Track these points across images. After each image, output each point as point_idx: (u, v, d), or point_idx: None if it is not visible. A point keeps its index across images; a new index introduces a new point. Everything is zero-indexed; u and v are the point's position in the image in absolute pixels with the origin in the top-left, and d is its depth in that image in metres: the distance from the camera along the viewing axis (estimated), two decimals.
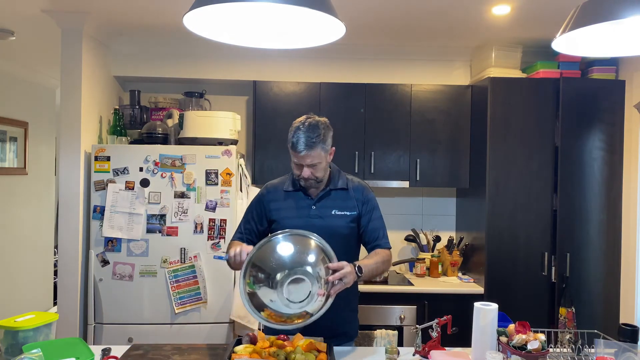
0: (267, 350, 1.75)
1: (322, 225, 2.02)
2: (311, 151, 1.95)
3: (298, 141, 1.96)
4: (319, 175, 2.02)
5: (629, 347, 1.69)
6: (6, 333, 1.76)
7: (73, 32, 3.11)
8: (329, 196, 2.09)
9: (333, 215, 2.06)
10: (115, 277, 3.08)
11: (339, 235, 2.03)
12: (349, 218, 2.07)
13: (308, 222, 2.03)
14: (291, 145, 1.99)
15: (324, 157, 2.00)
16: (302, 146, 1.95)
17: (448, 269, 3.61)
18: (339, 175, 2.14)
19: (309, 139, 1.95)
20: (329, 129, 2.03)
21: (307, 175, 1.99)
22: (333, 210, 2.07)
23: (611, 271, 3.26)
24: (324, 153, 2.00)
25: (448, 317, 1.97)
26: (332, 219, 2.05)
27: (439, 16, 3.01)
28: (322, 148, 1.98)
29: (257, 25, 1.63)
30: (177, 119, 3.36)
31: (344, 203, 2.09)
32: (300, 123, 1.99)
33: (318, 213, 2.06)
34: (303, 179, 2.02)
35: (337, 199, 2.09)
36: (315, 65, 3.67)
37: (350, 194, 2.11)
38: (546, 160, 3.25)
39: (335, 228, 2.04)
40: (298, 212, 2.07)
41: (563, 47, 1.71)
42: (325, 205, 2.08)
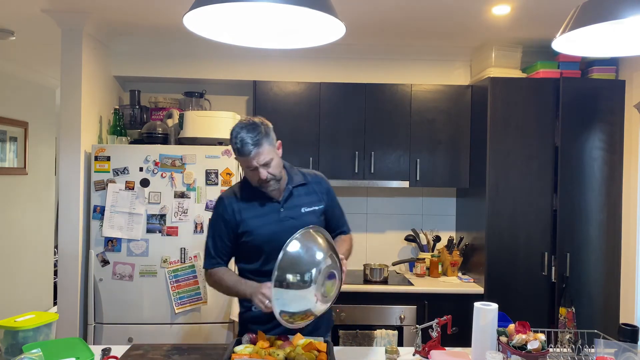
0: (267, 350, 1.75)
1: (296, 226, 1.93)
2: (259, 148, 1.87)
3: (242, 143, 1.87)
4: (276, 172, 1.94)
5: (629, 347, 1.69)
6: (6, 333, 1.76)
7: (73, 32, 3.11)
8: (292, 195, 2.03)
9: (304, 213, 2.02)
10: (115, 277, 3.08)
11: None
12: (318, 212, 2.06)
13: (281, 226, 1.97)
14: (237, 151, 1.89)
15: (273, 152, 1.93)
16: (249, 146, 1.86)
17: (448, 269, 3.61)
18: (293, 171, 2.08)
19: (252, 138, 1.87)
20: (267, 124, 1.94)
21: (265, 176, 1.91)
22: (302, 209, 2.03)
23: (611, 271, 3.26)
24: (272, 148, 1.92)
25: (448, 317, 1.97)
26: (304, 217, 2.01)
27: (439, 16, 3.01)
28: (269, 143, 1.90)
29: (257, 25, 1.63)
30: (177, 119, 3.36)
31: (309, 198, 2.05)
32: (237, 127, 1.92)
33: (288, 214, 2.00)
34: (263, 182, 1.93)
35: (302, 195, 2.05)
36: (315, 65, 3.67)
37: (312, 188, 2.08)
38: (546, 160, 3.25)
39: (308, 224, 1.96)
40: (268, 218, 1.99)
41: (563, 47, 1.71)
42: (292, 205, 2.02)
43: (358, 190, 3.86)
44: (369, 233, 3.87)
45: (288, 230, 1.92)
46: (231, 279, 2.00)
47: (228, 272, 2.03)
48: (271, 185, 1.95)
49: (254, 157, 1.87)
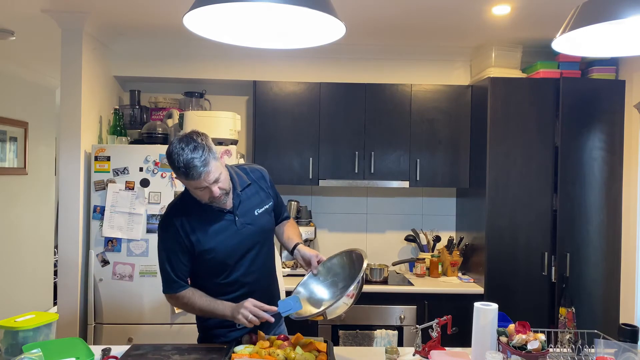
0: (267, 350, 1.75)
1: (255, 231, 1.94)
2: (208, 167, 1.72)
3: (189, 167, 1.70)
4: (226, 185, 1.83)
5: (629, 347, 1.69)
6: (6, 333, 1.76)
7: (73, 32, 3.11)
8: (242, 200, 1.93)
9: (257, 215, 1.96)
10: (115, 277, 3.07)
11: (268, 230, 2.03)
12: (269, 210, 2.02)
13: (240, 235, 1.90)
14: (184, 175, 1.73)
15: (220, 166, 1.79)
16: (198, 169, 1.70)
17: (448, 269, 3.61)
18: (236, 173, 1.96)
19: (199, 159, 1.71)
20: (206, 137, 1.78)
21: (217, 193, 1.78)
22: (255, 210, 1.96)
23: (611, 271, 3.26)
24: (217, 162, 1.77)
25: (448, 317, 1.97)
26: (258, 219, 1.96)
27: (439, 16, 3.01)
28: (214, 158, 1.76)
29: (257, 25, 1.63)
30: (177, 119, 3.36)
31: (258, 198, 1.98)
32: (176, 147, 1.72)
33: (244, 221, 1.91)
34: (215, 200, 1.81)
35: (250, 197, 1.96)
36: (315, 65, 3.67)
37: (257, 186, 2.01)
38: (546, 160, 3.25)
39: (264, 225, 1.99)
40: (227, 232, 1.88)
41: (563, 47, 1.70)
42: (245, 210, 1.93)
43: (358, 190, 3.86)
44: (369, 233, 3.87)
45: (247, 237, 1.92)
46: (203, 301, 1.89)
47: (197, 294, 1.90)
48: (222, 199, 1.83)
49: (205, 179, 1.73)
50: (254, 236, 1.95)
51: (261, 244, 1.99)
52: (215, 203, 1.84)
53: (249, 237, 1.93)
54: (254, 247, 1.96)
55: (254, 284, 1.97)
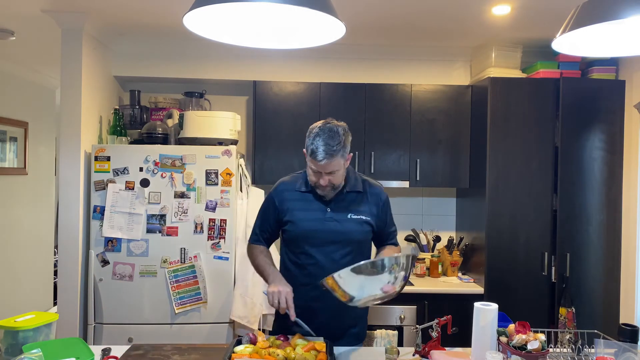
0: (267, 350, 1.75)
1: (338, 230, 2.00)
2: (332, 160, 1.88)
3: (317, 149, 1.88)
4: (337, 182, 1.97)
5: (629, 347, 1.69)
6: (6, 333, 1.76)
7: (73, 32, 3.11)
8: (344, 199, 2.03)
9: (349, 219, 2.02)
10: (115, 277, 3.07)
11: (354, 240, 2.03)
12: (364, 222, 2.03)
13: (324, 225, 2.00)
14: (310, 153, 1.91)
15: (342, 164, 1.95)
16: (322, 155, 1.87)
17: (448, 269, 3.61)
18: (355, 177, 2.09)
19: (329, 147, 1.87)
20: (348, 134, 1.98)
21: (324, 183, 1.94)
22: (349, 214, 2.02)
23: (611, 271, 3.26)
24: (343, 160, 1.94)
25: (448, 317, 1.97)
26: (348, 224, 2.01)
27: (439, 16, 3.01)
28: (342, 155, 1.92)
29: (257, 25, 1.63)
30: (177, 119, 3.36)
31: (359, 207, 2.04)
32: (319, 129, 1.92)
33: (333, 216, 2.01)
34: (320, 187, 1.97)
35: (353, 202, 2.04)
36: (315, 65, 3.67)
37: (367, 198, 2.06)
38: (546, 160, 3.25)
39: (351, 233, 2.01)
40: (313, 215, 2.02)
41: (563, 47, 1.70)
42: (340, 208, 2.02)
43: None
44: None
45: (328, 231, 1.98)
46: (263, 260, 2.10)
47: (264, 253, 2.13)
48: (326, 191, 1.97)
49: (323, 166, 1.89)
50: (335, 234, 1.99)
51: (343, 247, 2.00)
52: (319, 189, 1.98)
53: (330, 232, 1.98)
54: (334, 245, 2.00)
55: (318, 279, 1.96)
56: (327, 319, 1.98)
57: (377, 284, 1.73)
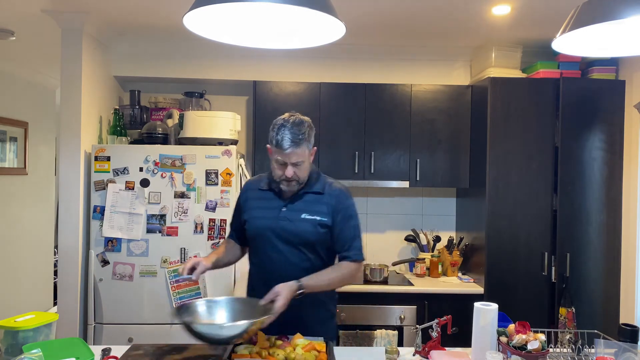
0: (267, 350, 1.75)
1: (290, 230, 1.98)
2: (297, 148, 1.89)
3: (283, 138, 1.88)
4: (302, 175, 1.96)
5: (629, 347, 1.69)
6: (6, 333, 1.76)
7: (73, 32, 3.11)
8: (300, 199, 2.02)
9: (302, 219, 1.98)
10: (115, 277, 3.08)
11: (306, 241, 1.99)
12: (318, 223, 1.98)
13: (276, 224, 2.00)
14: (275, 143, 1.91)
15: (307, 156, 1.96)
16: (288, 143, 1.88)
17: (448, 269, 3.61)
18: (317, 178, 2.06)
19: (295, 136, 1.88)
20: (312, 128, 1.98)
21: (290, 174, 1.92)
22: (303, 214, 1.99)
23: (611, 271, 3.26)
24: (308, 152, 1.95)
25: (448, 317, 1.97)
26: (300, 223, 1.98)
27: (439, 16, 3.01)
28: (307, 146, 1.94)
29: (257, 25, 1.63)
30: (177, 119, 3.36)
31: (315, 207, 2.00)
32: (284, 120, 1.92)
33: (287, 216, 2.00)
34: (285, 180, 1.95)
35: (310, 202, 2.01)
36: (315, 65, 3.67)
37: (325, 199, 2.01)
38: (546, 160, 3.25)
39: (302, 233, 1.98)
40: (267, 213, 2.02)
41: (563, 47, 1.70)
42: (295, 208, 2.00)
43: (358, 190, 3.86)
44: (369, 233, 3.87)
45: (280, 230, 1.98)
46: (218, 248, 2.17)
47: (225, 243, 2.21)
48: (292, 185, 1.97)
49: (289, 155, 1.90)
50: (287, 234, 1.98)
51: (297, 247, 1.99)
52: (283, 185, 1.98)
53: (282, 231, 1.98)
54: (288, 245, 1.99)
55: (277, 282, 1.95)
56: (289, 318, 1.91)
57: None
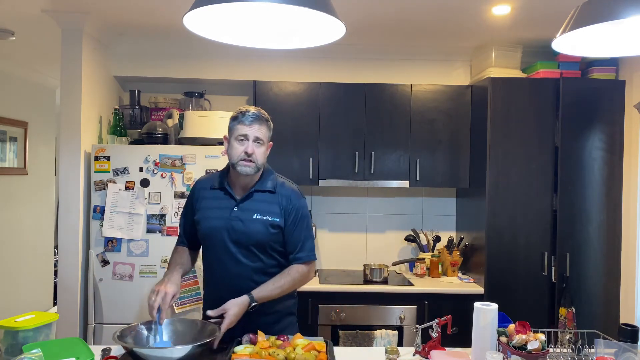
0: (267, 350, 1.75)
1: (242, 230, 1.96)
2: (260, 125, 1.94)
3: (247, 113, 1.94)
4: (260, 159, 1.95)
5: (629, 347, 1.69)
6: (6, 333, 1.76)
7: (73, 32, 3.11)
8: (252, 198, 2.00)
9: (254, 219, 1.97)
10: (115, 277, 3.08)
11: (258, 241, 1.98)
12: (270, 224, 1.97)
13: (227, 224, 1.98)
14: (237, 118, 1.95)
15: (266, 140, 1.98)
16: (252, 117, 1.93)
17: (448, 269, 3.61)
18: (269, 177, 2.04)
19: (258, 113, 1.95)
20: (271, 123, 2.02)
21: (251, 150, 1.91)
22: (255, 214, 1.97)
23: (611, 271, 3.26)
24: (267, 136, 1.98)
25: (448, 317, 1.97)
26: (252, 224, 1.97)
27: (439, 16, 3.01)
28: (268, 130, 1.98)
29: (257, 25, 1.63)
30: (177, 119, 3.36)
31: (267, 207, 1.99)
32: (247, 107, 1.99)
33: (239, 215, 1.98)
34: (245, 159, 1.92)
35: (262, 201, 1.99)
36: (315, 65, 3.67)
37: (277, 199, 2.00)
38: (546, 160, 3.25)
39: (254, 234, 1.97)
40: (219, 213, 2.00)
41: (563, 47, 1.70)
42: (247, 208, 1.99)
43: (358, 190, 3.86)
44: (369, 233, 3.87)
45: (232, 230, 1.97)
46: (173, 259, 2.11)
47: (179, 253, 2.13)
48: (250, 166, 1.93)
49: (251, 127, 1.93)
50: (238, 234, 1.97)
51: (248, 248, 1.98)
52: (241, 165, 1.93)
53: (233, 231, 1.97)
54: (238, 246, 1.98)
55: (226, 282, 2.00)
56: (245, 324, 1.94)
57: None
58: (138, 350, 1.65)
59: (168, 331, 1.90)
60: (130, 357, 1.68)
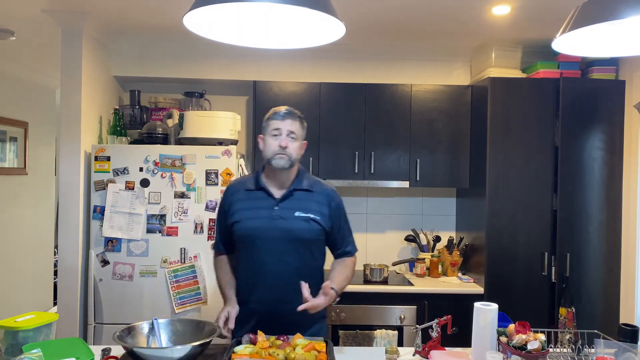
0: (267, 350, 1.75)
1: (285, 228, 1.98)
2: (294, 120, 1.99)
3: (279, 110, 2.00)
4: (294, 152, 1.98)
5: (629, 347, 1.69)
6: (6, 333, 1.76)
7: (73, 32, 3.11)
8: (292, 196, 2.02)
9: (296, 217, 1.99)
10: (115, 277, 3.08)
11: (301, 238, 2.00)
12: (312, 220, 2.01)
13: (270, 223, 1.98)
14: (271, 116, 2.01)
15: (301, 135, 2.02)
16: (285, 112, 1.99)
17: (448, 269, 3.61)
18: (304, 176, 2.08)
19: (291, 110, 2.02)
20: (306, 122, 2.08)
21: (285, 144, 1.95)
22: (296, 212, 2.00)
23: (611, 271, 3.26)
24: (301, 134, 2.02)
25: (448, 317, 1.97)
26: (294, 221, 1.99)
27: (439, 16, 3.01)
28: (302, 128, 2.03)
29: (257, 25, 1.63)
30: (177, 119, 3.36)
31: (307, 205, 2.02)
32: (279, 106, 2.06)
33: (281, 214, 1.99)
34: (279, 152, 1.95)
35: (301, 199, 2.02)
36: (315, 65, 3.67)
37: (315, 197, 2.04)
38: (546, 160, 3.25)
39: (298, 231, 1.98)
40: (260, 213, 2.01)
41: (563, 47, 1.70)
42: (288, 206, 2.01)
43: (358, 190, 3.86)
44: (369, 233, 3.87)
45: (275, 229, 1.97)
46: (223, 278, 2.15)
47: (225, 268, 2.16)
48: (284, 160, 1.96)
49: (284, 122, 1.98)
50: (282, 232, 1.97)
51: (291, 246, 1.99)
52: (276, 159, 1.96)
53: (277, 230, 1.97)
54: (282, 244, 1.99)
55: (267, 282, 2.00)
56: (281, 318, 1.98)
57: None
58: (138, 350, 1.65)
59: (168, 331, 1.90)
60: (130, 357, 1.68)
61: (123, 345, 1.67)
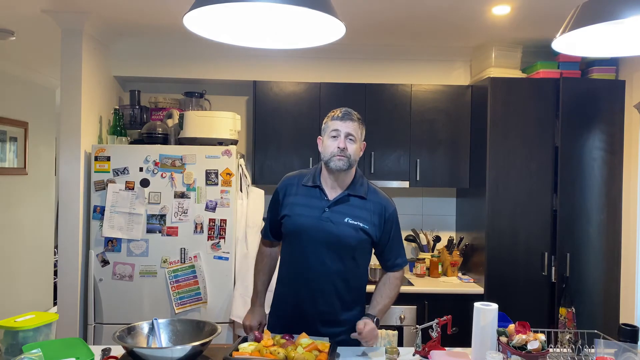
0: (269, 348, 1.76)
1: (332, 232, 1.97)
2: (352, 121, 1.98)
3: (340, 112, 2.00)
4: (352, 153, 1.97)
5: (629, 347, 1.69)
6: (6, 333, 1.76)
7: (73, 32, 3.11)
8: (345, 202, 2.01)
9: (345, 223, 1.98)
10: (115, 277, 3.08)
11: (347, 245, 1.99)
12: (360, 229, 1.99)
13: (319, 224, 1.98)
14: (331, 117, 2.01)
15: (360, 136, 2.01)
16: (344, 113, 1.98)
17: (448, 269, 3.61)
18: (361, 181, 2.06)
19: (350, 112, 2.01)
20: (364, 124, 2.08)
21: (343, 145, 1.95)
22: (346, 218, 1.98)
23: (611, 271, 3.26)
24: (361, 133, 2.02)
25: (448, 317, 1.97)
26: (343, 227, 1.97)
27: (439, 16, 3.01)
28: (362, 131, 2.03)
29: (257, 25, 1.63)
30: (177, 119, 3.36)
31: (359, 212, 2.00)
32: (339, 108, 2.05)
33: (330, 217, 1.98)
34: (338, 154, 1.95)
35: (354, 206, 2.01)
36: (315, 65, 3.67)
37: (368, 206, 2.02)
38: (546, 160, 3.25)
39: (345, 237, 1.97)
40: (310, 211, 2.00)
41: (563, 47, 1.70)
42: (339, 211, 1.99)
43: None
44: None
45: (322, 231, 1.96)
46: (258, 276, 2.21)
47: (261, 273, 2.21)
48: (343, 161, 1.95)
49: (346, 124, 1.97)
50: (328, 235, 1.97)
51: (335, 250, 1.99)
52: (334, 160, 1.96)
53: (323, 232, 1.97)
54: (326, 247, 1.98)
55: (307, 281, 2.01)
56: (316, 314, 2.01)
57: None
58: (138, 350, 1.65)
59: (168, 331, 1.90)
60: (130, 357, 1.68)
61: (123, 345, 1.68)
